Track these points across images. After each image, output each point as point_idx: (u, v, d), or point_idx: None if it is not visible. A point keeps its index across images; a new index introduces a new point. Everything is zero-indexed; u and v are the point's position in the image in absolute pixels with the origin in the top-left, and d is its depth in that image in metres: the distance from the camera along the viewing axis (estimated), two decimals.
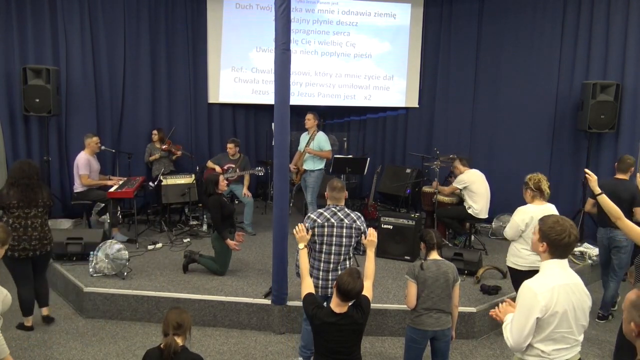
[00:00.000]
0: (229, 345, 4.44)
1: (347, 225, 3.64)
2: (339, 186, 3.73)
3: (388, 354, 4.36)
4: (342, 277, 2.84)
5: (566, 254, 2.45)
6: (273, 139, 5.04)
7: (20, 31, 6.79)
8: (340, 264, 3.69)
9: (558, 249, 2.42)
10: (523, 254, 4.14)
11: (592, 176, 3.53)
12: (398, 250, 5.96)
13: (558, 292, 2.35)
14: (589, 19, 6.80)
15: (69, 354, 4.19)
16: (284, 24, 4.20)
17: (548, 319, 2.35)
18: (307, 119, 6.69)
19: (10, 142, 6.80)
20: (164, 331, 2.73)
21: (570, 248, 2.42)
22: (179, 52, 8.00)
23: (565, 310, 2.36)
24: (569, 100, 7.06)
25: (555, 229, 2.39)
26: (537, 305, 2.32)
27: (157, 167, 7.27)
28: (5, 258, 4.00)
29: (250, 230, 6.86)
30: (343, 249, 3.67)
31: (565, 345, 2.41)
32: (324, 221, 3.65)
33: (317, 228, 3.64)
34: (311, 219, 3.68)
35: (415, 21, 8.26)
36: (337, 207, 3.72)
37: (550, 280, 2.40)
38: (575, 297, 2.40)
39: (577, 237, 2.42)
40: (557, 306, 2.34)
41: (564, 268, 2.45)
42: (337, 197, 3.73)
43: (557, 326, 2.36)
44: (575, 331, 2.42)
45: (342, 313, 2.87)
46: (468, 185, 6.10)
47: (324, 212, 3.69)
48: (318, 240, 3.66)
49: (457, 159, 6.35)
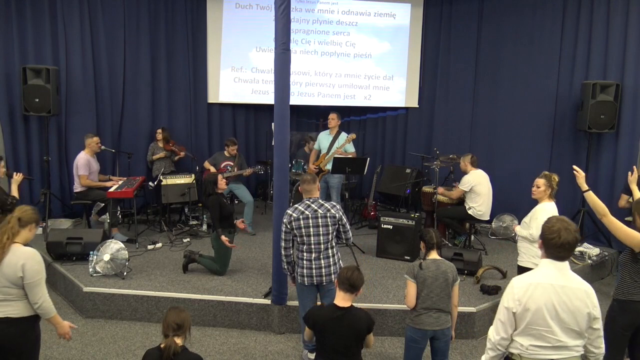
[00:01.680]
0: (229, 345, 4.44)
1: (322, 214, 3.80)
2: (308, 179, 3.91)
3: (388, 354, 4.36)
4: (344, 272, 2.98)
5: (559, 254, 2.42)
6: (273, 139, 5.04)
7: (20, 31, 6.79)
8: (323, 252, 3.83)
9: (549, 249, 2.44)
10: None
11: (580, 172, 3.59)
12: (398, 250, 5.96)
13: (534, 289, 2.38)
14: (589, 19, 6.80)
15: (68, 354, 4.19)
16: (284, 24, 4.21)
17: (522, 314, 2.40)
18: (331, 119, 6.79)
19: (10, 142, 6.79)
20: (164, 332, 2.73)
21: (561, 249, 2.40)
22: (179, 52, 8.00)
23: (539, 308, 2.37)
24: (569, 100, 7.06)
25: (550, 229, 2.42)
26: (510, 299, 2.41)
27: (157, 167, 7.28)
28: None
29: (251, 230, 6.87)
30: (321, 237, 3.81)
31: (545, 344, 2.40)
32: (299, 214, 3.80)
33: (294, 222, 3.81)
34: (287, 214, 3.86)
35: (415, 21, 8.26)
36: (311, 199, 3.89)
37: (532, 277, 2.44)
38: (558, 298, 2.37)
39: (570, 240, 2.37)
40: (529, 302, 2.37)
41: (558, 269, 2.43)
42: (309, 189, 3.90)
43: (531, 322, 2.39)
44: (559, 332, 2.38)
45: (346, 308, 2.93)
46: (473, 186, 6.07)
47: (299, 206, 3.86)
48: (297, 233, 3.82)
49: (468, 156, 6.27)
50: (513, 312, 2.40)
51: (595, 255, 6.14)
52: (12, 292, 2.98)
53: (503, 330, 2.45)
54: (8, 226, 2.99)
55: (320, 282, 3.86)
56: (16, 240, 3.01)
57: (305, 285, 3.89)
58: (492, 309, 4.75)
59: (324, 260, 3.84)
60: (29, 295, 3.00)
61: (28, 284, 2.97)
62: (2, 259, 2.94)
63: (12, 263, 2.94)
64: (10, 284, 2.96)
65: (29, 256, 2.99)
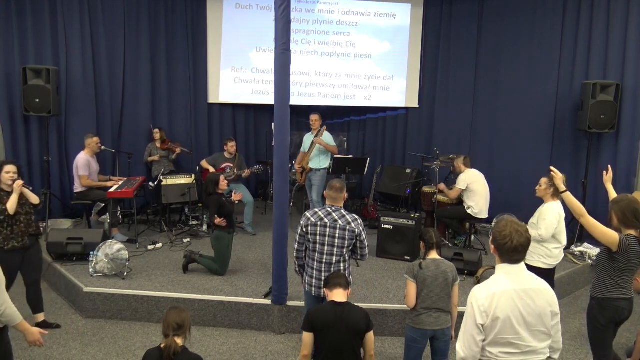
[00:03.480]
0: (229, 345, 4.45)
1: (341, 226, 3.59)
2: (337, 186, 3.68)
3: (388, 353, 4.36)
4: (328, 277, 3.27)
5: (513, 259, 2.36)
6: (273, 139, 5.04)
7: (20, 31, 6.78)
8: (334, 265, 3.62)
9: (503, 254, 2.37)
10: (554, 253, 4.19)
11: (557, 174, 3.66)
12: (398, 250, 5.96)
13: (499, 298, 2.31)
14: (589, 19, 6.80)
15: (69, 354, 4.19)
16: (284, 24, 4.21)
17: (491, 324, 2.31)
18: (315, 120, 6.81)
19: (10, 142, 6.79)
20: (164, 332, 2.73)
21: (514, 253, 2.33)
22: (179, 52, 8.00)
23: (507, 316, 2.30)
24: (569, 100, 7.06)
25: (501, 233, 2.35)
26: (477, 311, 2.31)
27: (157, 167, 7.28)
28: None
29: (251, 231, 6.87)
30: (335, 249, 3.60)
31: (515, 350, 2.34)
32: (317, 220, 3.63)
33: (310, 227, 3.63)
34: (306, 217, 3.69)
35: (415, 21, 8.26)
36: (334, 207, 3.68)
37: (493, 286, 2.36)
38: (522, 303, 2.32)
39: (522, 243, 2.32)
40: (497, 311, 2.30)
41: (514, 273, 2.37)
42: (335, 197, 3.68)
43: (500, 332, 2.31)
44: (528, 338, 2.33)
45: (345, 302, 3.02)
46: (469, 184, 6.10)
47: (319, 211, 3.68)
48: (311, 239, 3.65)
49: (461, 157, 6.34)
50: (481, 324, 2.32)
51: (595, 255, 6.14)
52: None
53: (474, 344, 2.35)
54: None
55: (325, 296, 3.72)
56: None
57: (313, 295, 3.71)
58: None
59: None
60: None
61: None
62: None
63: None
64: None
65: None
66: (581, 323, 5.02)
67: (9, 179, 4.14)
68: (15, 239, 4.16)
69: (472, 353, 2.36)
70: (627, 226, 3.28)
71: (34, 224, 4.31)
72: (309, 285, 3.71)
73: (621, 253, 3.21)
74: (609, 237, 3.21)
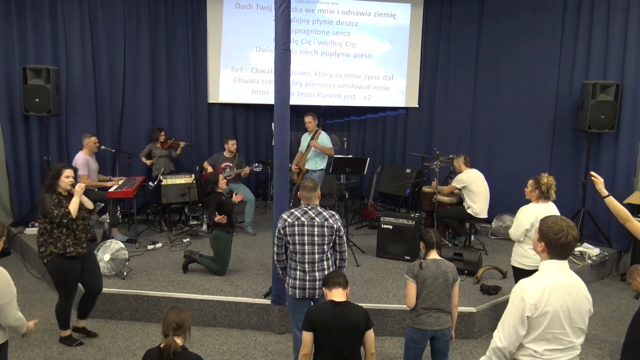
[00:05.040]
0: (229, 345, 4.44)
1: (319, 223, 3.57)
2: (310, 185, 3.67)
3: (388, 354, 4.36)
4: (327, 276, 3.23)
5: (565, 254, 2.42)
6: (273, 139, 5.04)
7: (20, 31, 6.78)
8: (317, 263, 3.58)
9: (556, 249, 2.41)
10: (530, 254, 4.14)
11: (599, 178, 3.49)
12: (398, 250, 5.96)
13: (550, 292, 2.34)
14: (589, 19, 6.79)
15: (69, 354, 4.19)
16: (284, 24, 4.21)
17: (538, 319, 2.34)
18: (308, 122, 6.77)
19: (10, 142, 6.79)
20: (164, 332, 2.73)
21: (568, 248, 2.40)
22: (179, 52, 8.00)
23: (556, 311, 2.34)
24: (569, 100, 7.06)
25: (553, 228, 2.39)
26: (526, 304, 2.33)
27: (157, 167, 7.28)
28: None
29: (251, 231, 6.86)
30: (316, 247, 3.57)
31: (559, 347, 2.38)
32: (294, 220, 3.58)
33: (288, 227, 3.58)
34: (282, 218, 3.64)
35: (415, 21, 8.26)
36: (309, 206, 3.65)
37: (543, 280, 2.39)
38: (570, 299, 2.37)
39: (576, 237, 2.40)
40: (547, 306, 2.33)
41: (562, 269, 2.42)
42: (309, 196, 3.66)
43: (548, 326, 2.35)
44: (570, 333, 2.39)
45: (344, 302, 3.01)
46: (467, 184, 6.10)
47: (295, 211, 3.64)
48: (291, 240, 3.59)
49: (461, 157, 6.34)
50: (528, 317, 2.34)
51: (595, 255, 6.15)
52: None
53: (516, 337, 2.37)
54: None
55: (313, 295, 3.60)
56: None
57: (296, 298, 3.62)
58: (492, 309, 4.75)
59: (319, 273, 3.55)
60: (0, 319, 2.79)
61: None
62: None
63: None
64: None
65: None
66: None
67: (68, 184, 4.03)
68: (75, 245, 4.04)
69: (512, 345, 2.38)
70: None
71: (91, 229, 4.23)
72: (292, 288, 3.62)
73: None
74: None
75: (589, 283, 6.03)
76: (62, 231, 3.99)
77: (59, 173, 4.02)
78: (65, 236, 4.01)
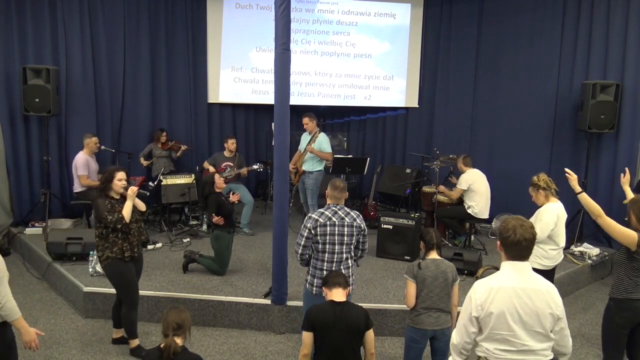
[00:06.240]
0: (229, 345, 4.44)
1: (348, 223, 3.66)
2: (341, 186, 3.73)
3: (388, 354, 4.36)
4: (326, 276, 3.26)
5: (519, 254, 2.39)
6: (273, 139, 5.03)
7: (20, 31, 6.78)
8: (343, 262, 3.68)
9: (508, 249, 2.41)
10: (551, 255, 4.17)
11: (573, 175, 3.65)
12: (398, 250, 5.96)
13: (495, 293, 2.36)
14: (589, 19, 6.79)
15: (69, 354, 4.19)
16: (284, 24, 4.21)
17: (485, 319, 2.39)
18: (305, 123, 6.67)
19: (10, 142, 6.79)
20: (164, 332, 2.73)
21: (519, 248, 2.36)
22: (179, 52, 8.00)
23: (501, 312, 2.34)
24: (569, 100, 7.06)
25: (505, 227, 2.41)
26: (473, 303, 2.42)
27: (157, 167, 7.28)
28: None
29: (248, 231, 6.85)
30: (344, 247, 3.67)
31: (511, 348, 2.37)
32: (326, 220, 3.63)
33: (320, 227, 3.62)
34: (313, 218, 3.66)
35: (415, 21, 8.26)
36: (337, 206, 3.72)
37: (494, 281, 2.42)
38: (520, 301, 2.34)
39: (527, 237, 2.35)
40: (491, 306, 2.36)
41: (518, 271, 2.40)
42: (338, 197, 3.73)
43: (494, 327, 2.37)
44: (524, 336, 2.35)
45: (344, 302, 3.02)
46: (470, 184, 6.09)
47: (325, 211, 3.69)
48: (321, 240, 3.63)
49: (462, 157, 6.34)
50: (475, 317, 2.40)
51: (595, 255, 6.15)
52: None
53: (466, 335, 2.45)
54: None
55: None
56: None
57: (313, 294, 3.67)
58: None
59: (344, 271, 3.61)
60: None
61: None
62: None
63: None
64: None
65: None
66: (581, 323, 5.02)
67: (121, 187, 3.96)
68: (130, 249, 3.98)
69: (463, 342, 2.48)
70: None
71: (144, 231, 4.20)
72: (310, 285, 3.69)
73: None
74: (627, 236, 3.19)
75: (589, 283, 6.06)
76: (117, 235, 3.91)
77: (111, 176, 3.94)
78: (122, 240, 3.93)
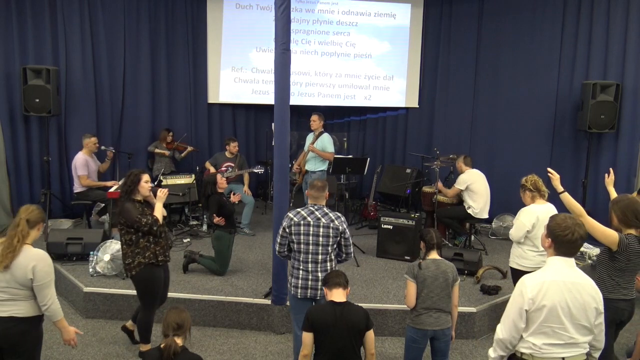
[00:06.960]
0: (229, 345, 4.44)
1: (324, 224, 3.55)
2: (319, 185, 3.66)
3: (388, 354, 4.36)
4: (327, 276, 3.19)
5: (571, 251, 2.49)
6: (273, 139, 5.03)
7: (20, 31, 6.79)
8: (320, 264, 3.57)
9: (562, 246, 2.49)
10: (529, 255, 4.13)
11: (555, 175, 3.70)
12: (398, 250, 5.96)
13: (548, 287, 2.42)
14: (589, 19, 6.80)
15: (69, 354, 4.19)
16: (284, 24, 4.21)
17: (535, 312, 2.43)
18: (312, 121, 6.71)
19: (10, 142, 6.79)
20: (164, 332, 2.74)
21: (574, 245, 2.47)
22: (179, 52, 8.00)
23: (554, 305, 2.40)
24: (569, 100, 7.06)
25: (561, 225, 2.48)
26: (525, 298, 2.43)
27: (157, 167, 7.29)
28: None
29: (248, 232, 6.84)
30: (321, 248, 3.56)
31: (558, 341, 2.44)
32: (300, 219, 3.57)
33: (294, 226, 3.57)
34: (288, 217, 3.63)
35: (415, 21, 8.26)
36: (316, 206, 3.64)
37: (544, 275, 2.48)
38: (570, 295, 2.42)
39: (583, 236, 2.47)
40: (544, 300, 2.41)
41: (568, 266, 2.49)
42: (317, 196, 3.65)
43: (545, 320, 2.42)
44: (571, 329, 2.44)
45: (344, 302, 3.01)
46: (469, 184, 6.10)
47: (302, 210, 3.63)
48: (295, 239, 3.58)
49: (462, 157, 6.35)
50: (526, 311, 2.44)
51: (596, 255, 6.13)
52: (20, 292, 2.96)
53: (515, 330, 2.48)
54: (18, 229, 2.95)
55: (315, 295, 3.57)
56: (26, 242, 2.98)
57: (298, 298, 3.61)
58: (492, 309, 4.75)
59: (322, 273, 3.50)
60: (38, 297, 2.98)
61: (38, 286, 2.95)
62: (13, 261, 2.91)
63: (22, 265, 2.92)
64: (18, 285, 2.94)
65: (39, 258, 2.96)
66: None
67: (147, 189, 3.90)
68: (163, 252, 3.92)
69: (511, 337, 2.49)
70: (627, 226, 3.29)
71: (169, 235, 4.16)
72: (294, 288, 3.61)
73: (621, 252, 3.22)
74: (608, 236, 3.23)
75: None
76: (148, 239, 3.83)
77: (138, 178, 3.87)
78: (154, 244, 3.85)
